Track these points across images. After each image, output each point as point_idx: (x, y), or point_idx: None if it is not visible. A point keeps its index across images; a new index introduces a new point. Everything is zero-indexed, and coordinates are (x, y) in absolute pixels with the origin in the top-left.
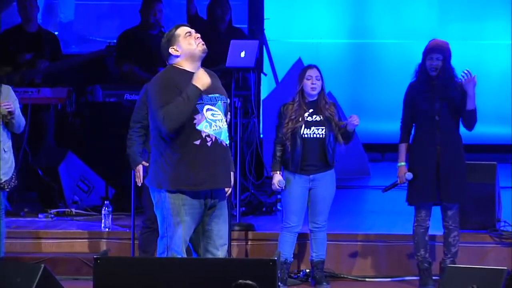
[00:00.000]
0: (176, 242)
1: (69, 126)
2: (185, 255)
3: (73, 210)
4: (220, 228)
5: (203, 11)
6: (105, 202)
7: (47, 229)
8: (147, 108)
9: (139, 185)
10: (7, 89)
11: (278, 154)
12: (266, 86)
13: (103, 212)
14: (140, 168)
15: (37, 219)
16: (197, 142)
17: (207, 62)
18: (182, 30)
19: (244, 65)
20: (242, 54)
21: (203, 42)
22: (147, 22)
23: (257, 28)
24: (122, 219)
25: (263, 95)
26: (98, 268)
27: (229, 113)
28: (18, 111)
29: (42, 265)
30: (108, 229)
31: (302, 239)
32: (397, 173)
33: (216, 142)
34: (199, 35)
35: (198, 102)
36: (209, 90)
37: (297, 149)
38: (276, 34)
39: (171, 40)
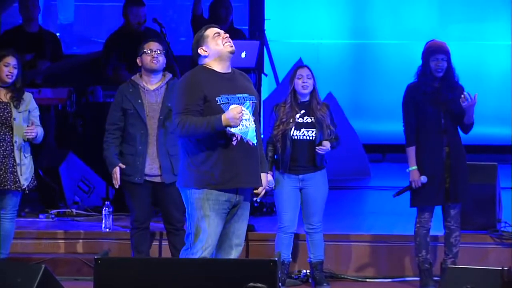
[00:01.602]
0: (200, 237)
1: (70, 126)
2: (207, 252)
3: (74, 210)
4: (239, 227)
5: (205, 12)
6: (106, 202)
7: (47, 229)
8: (122, 110)
9: (116, 187)
10: (29, 96)
11: (269, 154)
12: (267, 87)
13: (103, 212)
14: (117, 170)
15: (37, 219)
16: (222, 142)
17: None
18: (211, 31)
19: (244, 65)
20: (243, 55)
21: (231, 43)
22: (130, 23)
23: (257, 29)
24: (122, 219)
25: (264, 95)
26: (98, 269)
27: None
28: (39, 131)
29: (43, 266)
30: (109, 229)
31: (302, 240)
32: (410, 178)
33: (242, 142)
34: (227, 35)
35: (224, 102)
36: (238, 90)
37: (286, 151)
38: (277, 34)
39: (200, 41)
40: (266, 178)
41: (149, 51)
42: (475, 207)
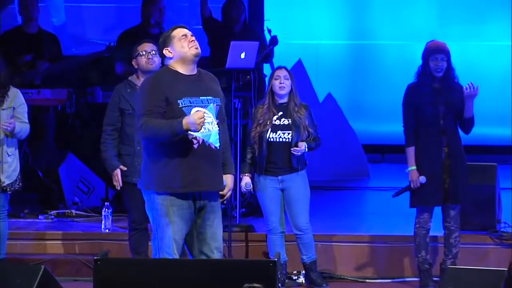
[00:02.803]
0: (166, 243)
1: (69, 127)
2: (176, 256)
3: (73, 211)
4: (214, 231)
5: (217, 13)
6: (105, 203)
7: (47, 230)
8: (119, 111)
9: (118, 188)
10: (14, 92)
11: (248, 156)
12: (266, 87)
13: (103, 213)
14: (118, 172)
15: (37, 220)
16: (183, 145)
17: (222, 63)
18: (178, 32)
19: (244, 66)
20: (242, 55)
21: (197, 46)
22: (148, 21)
23: (257, 29)
24: (122, 220)
25: None
26: (98, 269)
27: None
28: (19, 127)
29: (42, 266)
30: (108, 230)
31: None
32: (409, 178)
33: (204, 145)
34: (194, 38)
35: (186, 105)
36: (202, 92)
37: (262, 152)
38: (276, 35)
39: (166, 41)
40: (232, 179)
41: (143, 53)
42: (475, 207)
